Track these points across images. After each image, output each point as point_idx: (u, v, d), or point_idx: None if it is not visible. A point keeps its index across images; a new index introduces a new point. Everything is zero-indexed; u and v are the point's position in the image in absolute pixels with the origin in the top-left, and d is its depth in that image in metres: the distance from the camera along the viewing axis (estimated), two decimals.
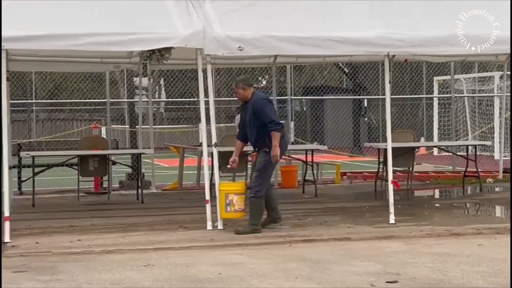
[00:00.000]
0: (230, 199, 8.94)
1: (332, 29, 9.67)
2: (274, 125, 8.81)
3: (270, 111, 8.94)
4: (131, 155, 14.34)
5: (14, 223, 8.70)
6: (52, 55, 11.97)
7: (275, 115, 8.99)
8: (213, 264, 7.06)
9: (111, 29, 8.98)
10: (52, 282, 6.39)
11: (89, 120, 28.21)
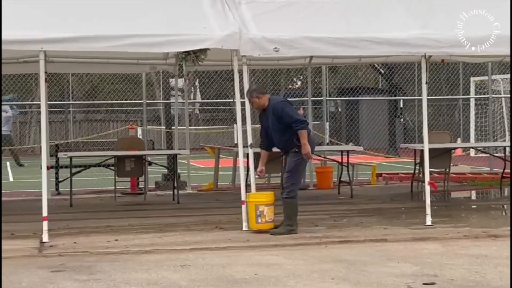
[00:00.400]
0: (261, 210, 8.90)
1: (368, 29, 9.64)
2: (299, 124, 8.78)
3: (292, 111, 8.94)
4: (167, 155, 14.41)
5: (52, 223, 8.79)
6: (89, 56, 12.09)
7: (297, 114, 9.00)
8: (249, 265, 7.07)
9: (149, 30, 9.03)
10: (90, 282, 6.44)
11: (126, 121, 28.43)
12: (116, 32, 8.92)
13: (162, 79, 25.50)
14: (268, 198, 9.00)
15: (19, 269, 6.94)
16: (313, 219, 9.98)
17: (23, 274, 6.73)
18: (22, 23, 8.88)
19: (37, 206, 9.23)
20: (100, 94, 30.97)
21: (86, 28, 8.97)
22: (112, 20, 9.21)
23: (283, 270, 6.82)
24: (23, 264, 7.22)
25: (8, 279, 6.53)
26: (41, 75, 8.91)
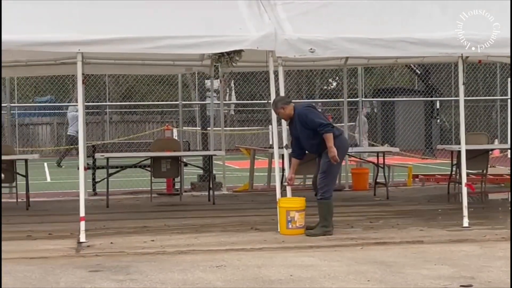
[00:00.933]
0: (292, 216, 8.86)
1: (404, 30, 9.58)
2: (324, 127, 8.75)
3: (315, 116, 8.88)
4: (203, 156, 14.46)
5: (89, 223, 8.86)
6: (125, 58, 12.19)
7: (321, 118, 8.92)
8: (285, 266, 7.07)
9: (185, 32, 9.06)
10: (127, 282, 6.48)
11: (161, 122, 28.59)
12: (152, 34, 8.97)
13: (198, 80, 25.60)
14: (299, 204, 8.96)
15: (57, 269, 7.00)
16: (348, 220, 9.95)
17: (60, 274, 6.79)
18: (60, 25, 8.97)
19: (74, 206, 9.32)
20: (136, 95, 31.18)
21: (123, 30, 9.02)
22: (148, 22, 9.26)
23: (318, 272, 6.81)
24: (60, 264, 7.29)
25: (46, 279, 6.60)
26: (78, 76, 9.01)
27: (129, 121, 30.72)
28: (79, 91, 9.12)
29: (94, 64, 12.53)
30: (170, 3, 9.53)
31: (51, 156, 26.72)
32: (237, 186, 14.58)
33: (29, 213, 11.26)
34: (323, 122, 8.82)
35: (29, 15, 9.03)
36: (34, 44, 8.77)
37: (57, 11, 9.17)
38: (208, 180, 12.92)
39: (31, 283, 6.45)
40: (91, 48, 9.03)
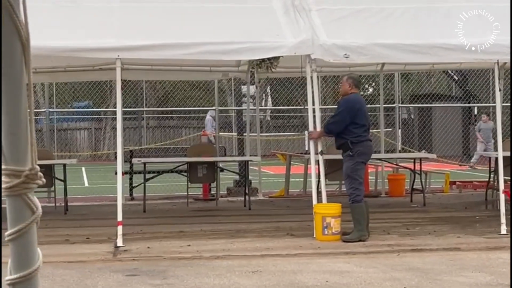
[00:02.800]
0: (328, 222, 8.86)
1: (440, 35, 9.53)
2: (330, 124, 9.06)
3: (343, 112, 8.99)
4: (239, 162, 14.50)
5: (126, 227, 8.94)
6: (163, 64, 12.28)
7: (343, 117, 8.94)
8: (320, 272, 7.07)
9: (222, 38, 9.13)
10: (163, 286, 6.53)
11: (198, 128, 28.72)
12: (190, 40, 9.04)
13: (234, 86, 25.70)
14: (335, 210, 8.95)
15: (95, 273, 7.08)
16: (385, 226, 9.91)
17: (98, 278, 6.87)
18: (99, 31, 9.08)
19: (112, 211, 9.41)
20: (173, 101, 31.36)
21: (161, 36, 9.11)
22: (186, 29, 9.33)
23: (354, 278, 6.80)
24: (98, 268, 7.36)
25: (84, 283, 6.68)
26: (117, 82, 9.10)
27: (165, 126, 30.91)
28: (117, 97, 9.21)
29: (132, 70, 12.64)
30: (208, 10, 9.59)
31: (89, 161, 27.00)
32: (272, 191, 14.60)
33: (67, 217, 11.38)
34: (338, 119, 8.97)
35: (69, 22, 9.15)
36: (74, 50, 8.88)
37: (96, 18, 9.28)
38: (244, 186, 12.96)
39: (69, 287, 6.53)
40: (129, 54, 9.13)
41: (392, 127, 22.63)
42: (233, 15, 9.56)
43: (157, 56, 9.32)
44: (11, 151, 1.48)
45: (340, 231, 8.88)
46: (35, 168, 1.50)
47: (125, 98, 22.48)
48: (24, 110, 1.48)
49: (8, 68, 1.44)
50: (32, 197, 1.51)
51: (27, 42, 1.45)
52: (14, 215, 1.50)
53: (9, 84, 1.45)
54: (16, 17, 1.42)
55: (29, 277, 1.53)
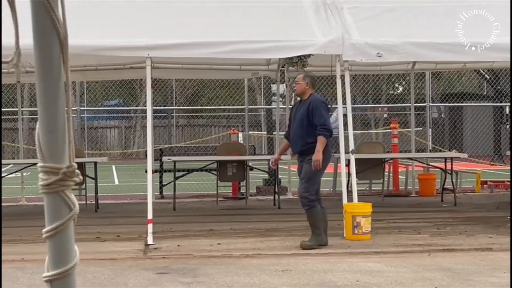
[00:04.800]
0: (358, 221, 8.81)
1: (473, 34, 9.44)
2: (325, 130, 8.26)
3: (326, 115, 8.40)
4: (268, 161, 14.47)
5: (156, 226, 8.98)
6: (192, 62, 12.32)
7: (328, 120, 8.42)
8: (351, 271, 7.04)
9: (252, 37, 9.13)
10: (194, 284, 6.55)
11: (227, 126, 28.76)
12: (220, 39, 9.06)
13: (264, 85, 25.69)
14: (365, 209, 8.90)
15: (125, 271, 7.12)
16: (415, 226, 9.85)
17: (129, 276, 6.90)
18: (129, 30, 9.13)
19: (142, 209, 9.46)
20: (203, 100, 31.44)
21: (191, 35, 9.13)
22: (216, 28, 9.35)
23: (385, 278, 6.76)
24: (129, 265, 7.40)
25: (115, 280, 6.71)
26: (147, 81, 9.14)
27: (195, 125, 31.00)
28: (148, 95, 9.25)
29: (162, 69, 12.70)
30: (238, 9, 9.61)
31: (119, 159, 27.15)
32: None
33: (98, 215, 11.45)
34: (328, 125, 8.34)
35: (100, 21, 9.21)
36: (105, 48, 8.94)
37: (127, 17, 9.33)
38: (273, 185, 12.95)
39: (100, 284, 6.57)
40: (160, 52, 9.18)
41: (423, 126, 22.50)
42: (263, 14, 9.56)
43: (187, 54, 9.35)
44: (49, 148, 1.48)
45: (370, 231, 8.84)
46: (72, 166, 1.51)
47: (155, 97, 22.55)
48: (62, 108, 1.48)
49: (46, 66, 1.45)
50: (69, 195, 1.52)
51: (65, 40, 1.46)
52: (52, 212, 1.51)
53: (47, 82, 1.46)
54: (55, 15, 1.43)
55: (66, 274, 1.54)
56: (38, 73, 1.45)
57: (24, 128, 23.76)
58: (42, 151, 1.49)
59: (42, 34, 1.44)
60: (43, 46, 1.44)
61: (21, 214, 11.91)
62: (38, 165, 1.50)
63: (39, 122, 1.48)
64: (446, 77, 31.22)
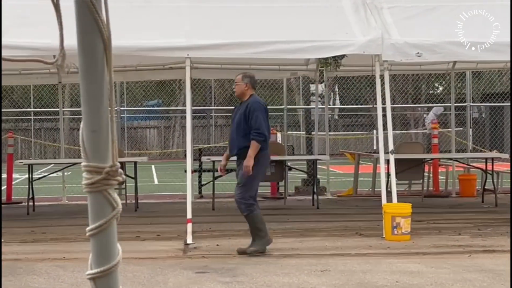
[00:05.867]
0: (397, 222, 8.76)
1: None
2: (258, 135, 7.89)
3: (262, 119, 7.98)
4: (307, 161, 14.48)
5: (195, 225, 9.02)
6: (231, 62, 12.34)
7: (265, 126, 7.99)
8: (390, 272, 7.01)
9: (291, 37, 9.13)
10: (233, 284, 6.57)
11: None
12: (259, 39, 9.07)
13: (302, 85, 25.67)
14: (405, 210, 8.84)
15: (165, 270, 7.16)
16: (456, 227, 9.77)
17: (168, 275, 6.94)
18: (169, 31, 9.18)
19: (181, 208, 9.51)
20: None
21: (230, 35, 9.16)
22: (255, 28, 9.37)
23: (425, 279, 6.72)
24: (168, 264, 7.45)
25: (155, 279, 6.76)
26: (187, 81, 9.18)
27: None
28: (187, 96, 9.30)
29: (201, 69, 12.75)
30: (276, 9, 9.61)
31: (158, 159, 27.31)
32: (341, 191, 14.54)
33: (138, 215, 11.54)
34: (263, 130, 7.94)
35: (140, 21, 9.28)
36: (145, 49, 9.01)
37: (167, 18, 9.39)
38: (312, 185, 12.94)
39: (140, 283, 6.62)
40: (199, 53, 9.22)
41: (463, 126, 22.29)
42: (302, 14, 9.56)
43: (226, 55, 9.39)
44: (92, 148, 1.51)
45: (410, 231, 8.78)
46: (115, 165, 1.53)
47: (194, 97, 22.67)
48: (105, 108, 1.50)
49: (90, 66, 1.47)
50: (113, 193, 1.54)
51: (108, 41, 1.48)
52: (95, 210, 1.53)
53: (91, 82, 1.48)
54: (98, 16, 1.45)
55: (109, 271, 1.56)
56: (82, 74, 1.48)
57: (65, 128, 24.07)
58: (86, 151, 1.51)
59: (86, 35, 1.46)
60: (87, 47, 1.46)
61: (63, 213, 12.04)
62: (82, 164, 1.52)
63: (83, 122, 1.51)
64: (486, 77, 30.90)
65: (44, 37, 8.66)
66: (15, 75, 13.23)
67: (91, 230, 1.53)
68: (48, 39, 8.53)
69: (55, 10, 1.47)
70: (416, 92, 31.96)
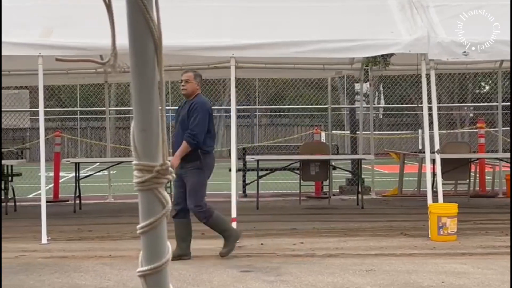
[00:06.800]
0: (443, 222, 8.69)
1: None
2: (192, 136, 7.58)
3: (202, 120, 7.66)
4: (351, 160, 14.43)
5: (239, 224, 9.03)
6: (275, 62, 12.35)
7: (202, 127, 7.66)
8: (436, 272, 6.95)
9: (336, 36, 9.11)
10: (277, 283, 6.58)
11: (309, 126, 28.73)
12: (304, 38, 9.06)
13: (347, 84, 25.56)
14: (451, 210, 8.77)
15: (210, 268, 7.20)
16: (503, 228, 9.63)
17: (213, 273, 6.98)
18: (214, 31, 9.22)
19: (225, 207, 9.51)
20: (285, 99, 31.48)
21: (274, 34, 9.17)
22: (299, 27, 9.36)
23: (471, 280, 6.66)
24: (213, 263, 7.48)
25: (200, 278, 6.80)
26: (231, 80, 9.22)
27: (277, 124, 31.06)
28: (232, 95, 9.33)
29: (246, 68, 12.77)
30: (321, 8, 9.59)
31: None
32: (385, 190, 14.46)
33: None
34: (198, 131, 7.61)
35: (184, 21, 9.33)
36: (191, 49, 9.07)
37: (211, 17, 9.43)
38: (356, 184, 12.89)
39: (186, 281, 6.66)
40: (244, 52, 9.24)
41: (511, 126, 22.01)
42: (347, 13, 9.53)
43: (271, 54, 9.39)
44: (143, 147, 1.52)
45: (456, 232, 8.70)
46: (166, 164, 1.54)
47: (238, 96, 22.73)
48: (156, 107, 1.52)
49: (141, 67, 1.49)
50: (163, 192, 1.55)
51: (159, 41, 1.49)
52: (146, 209, 1.55)
53: (142, 82, 1.50)
54: (149, 16, 1.47)
55: (159, 269, 1.58)
56: (133, 73, 1.49)
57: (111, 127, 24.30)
58: (136, 150, 1.53)
59: (137, 35, 1.47)
60: (138, 47, 1.48)
61: (108, 211, 12.16)
62: (133, 163, 1.54)
63: (134, 121, 1.53)
64: None
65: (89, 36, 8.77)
66: (62, 75, 13.39)
67: (141, 227, 1.54)
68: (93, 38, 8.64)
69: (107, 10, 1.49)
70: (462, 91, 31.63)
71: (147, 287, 1.57)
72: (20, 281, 6.80)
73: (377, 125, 30.39)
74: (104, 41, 8.49)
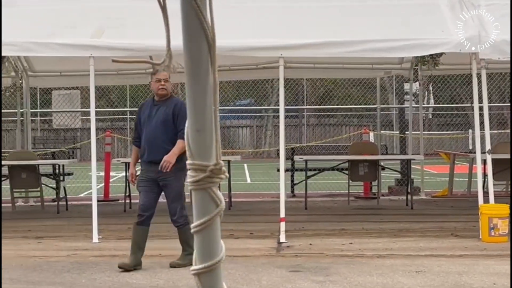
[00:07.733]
0: (494, 223, 8.58)
1: None
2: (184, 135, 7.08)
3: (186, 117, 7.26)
4: (401, 160, 14.33)
5: (288, 224, 9.05)
6: (324, 61, 12.33)
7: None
8: (487, 274, 6.88)
9: (385, 35, 9.05)
10: (326, 283, 6.57)
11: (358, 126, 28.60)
12: (353, 38, 9.03)
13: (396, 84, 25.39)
14: (502, 211, 8.65)
15: (258, 268, 7.22)
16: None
17: (262, 273, 6.99)
18: (262, 31, 9.24)
19: (273, 207, 9.56)
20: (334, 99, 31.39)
21: (323, 34, 9.15)
22: (348, 27, 9.33)
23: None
24: (261, 263, 7.50)
25: (249, 277, 6.82)
26: (280, 80, 9.22)
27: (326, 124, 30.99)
28: (280, 95, 9.34)
29: (294, 68, 12.78)
30: (370, 8, 9.56)
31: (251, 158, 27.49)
32: (435, 191, 14.32)
33: (231, 213, 11.63)
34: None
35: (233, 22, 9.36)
36: (240, 49, 9.09)
37: (258, 17, 9.45)
38: (406, 185, 12.80)
39: (235, 280, 6.69)
40: (293, 52, 9.24)
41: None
42: (396, 12, 9.46)
43: (319, 54, 9.38)
44: (197, 147, 1.54)
45: (508, 233, 8.59)
46: (219, 163, 1.56)
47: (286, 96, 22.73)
48: (210, 108, 1.54)
49: (195, 68, 1.51)
50: (216, 191, 1.57)
51: (213, 42, 1.51)
52: (200, 208, 1.57)
53: (196, 83, 1.52)
54: (203, 17, 1.48)
55: (213, 267, 1.59)
56: (187, 74, 1.51)
57: None
58: (191, 149, 1.54)
59: (191, 36, 1.49)
60: (192, 48, 1.50)
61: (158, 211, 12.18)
62: (187, 162, 1.56)
63: (188, 122, 1.54)
64: None
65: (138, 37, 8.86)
66: (112, 75, 13.55)
67: (195, 226, 1.56)
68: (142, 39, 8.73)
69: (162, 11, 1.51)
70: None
71: (202, 286, 1.58)
72: (72, 279, 6.90)
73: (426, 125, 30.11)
74: (153, 41, 8.59)
